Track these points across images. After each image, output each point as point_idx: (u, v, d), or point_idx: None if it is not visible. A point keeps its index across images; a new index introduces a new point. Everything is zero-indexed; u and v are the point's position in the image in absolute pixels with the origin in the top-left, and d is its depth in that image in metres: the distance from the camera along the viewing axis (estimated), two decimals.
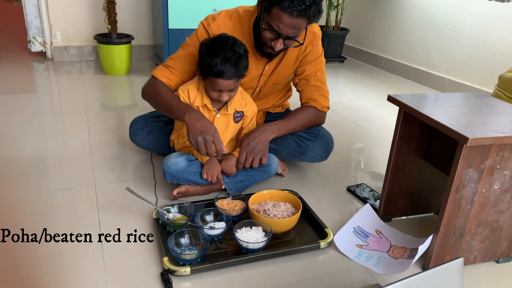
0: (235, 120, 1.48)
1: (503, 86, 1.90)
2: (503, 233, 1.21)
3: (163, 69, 1.49)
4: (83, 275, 1.09)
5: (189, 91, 1.42)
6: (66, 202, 1.41)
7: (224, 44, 1.31)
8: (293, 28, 1.30)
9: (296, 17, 1.26)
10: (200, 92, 1.42)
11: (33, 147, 1.78)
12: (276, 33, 1.32)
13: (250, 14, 1.46)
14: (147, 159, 1.73)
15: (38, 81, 2.80)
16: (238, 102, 1.47)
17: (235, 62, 1.31)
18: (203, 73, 1.35)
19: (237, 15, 1.47)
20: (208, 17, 1.49)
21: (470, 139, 0.99)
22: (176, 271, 1.09)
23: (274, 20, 1.29)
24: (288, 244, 1.26)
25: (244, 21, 1.46)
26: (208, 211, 1.31)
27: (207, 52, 1.32)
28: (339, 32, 3.71)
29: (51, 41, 3.12)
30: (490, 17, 2.72)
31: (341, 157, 1.89)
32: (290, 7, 1.24)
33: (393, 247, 1.28)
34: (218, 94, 1.36)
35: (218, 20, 1.45)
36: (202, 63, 1.33)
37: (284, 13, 1.26)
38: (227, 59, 1.29)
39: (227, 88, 1.34)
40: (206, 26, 1.46)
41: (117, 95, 2.66)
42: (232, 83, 1.33)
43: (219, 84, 1.33)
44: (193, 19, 2.79)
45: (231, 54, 1.30)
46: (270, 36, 1.34)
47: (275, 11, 1.27)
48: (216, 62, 1.29)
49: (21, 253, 1.15)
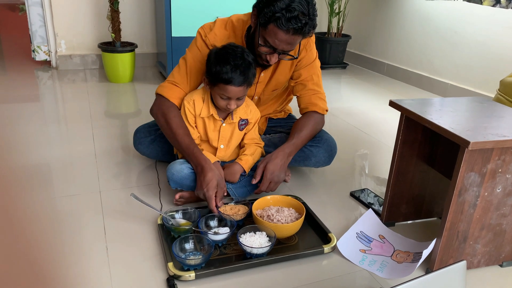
0: (240, 128, 1.49)
1: (504, 91, 1.91)
2: (506, 237, 1.21)
3: (170, 87, 1.48)
4: (89, 282, 1.10)
5: (195, 102, 1.43)
6: (72, 209, 1.42)
7: (234, 52, 1.33)
8: (288, 44, 1.32)
9: (292, 35, 1.28)
10: (205, 102, 1.44)
11: (38, 155, 1.80)
12: (271, 48, 1.34)
13: (243, 24, 1.48)
14: (151, 165, 1.75)
15: (42, 90, 2.83)
16: (242, 110, 1.48)
17: (245, 69, 1.32)
18: (212, 81, 1.36)
19: (231, 25, 1.49)
20: (204, 26, 1.50)
21: (471, 143, 1.00)
22: (181, 276, 1.10)
23: (270, 36, 1.31)
24: (292, 249, 1.26)
25: (238, 31, 1.48)
26: (212, 217, 1.32)
27: (216, 60, 1.33)
28: (341, 38, 3.73)
29: (55, 50, 3.16)
30: (491, 22, 2.73)
31: (344, 162, 1.90)
32: (287, 25, 1.25)
33: (397, 252, 1.29)
34: (226, 102, 1.37)
35: (215, 29, 1.47)
36: (212, 71, 1.34)
37: (281, 31, 1.27)
38: (237, 66, 1.31)
39: (236, 95, 1.35)
40: (203, 36, 1.47)
41: (121, 103, 2.68)
42: (241, 90, 1.35)
43: (229, 91, 1.34)
44: (196, 27, 2.76)
45: (241, 61, 1.32)
46: (265, 50, 1.36)
47: (272, 27, 1.29)
48: (227, 69, 1.30)
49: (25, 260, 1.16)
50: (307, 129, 1.55)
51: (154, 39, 3.40)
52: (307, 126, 1.55)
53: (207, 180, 1.32)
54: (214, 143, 1.48)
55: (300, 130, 1.54)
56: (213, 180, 1.33)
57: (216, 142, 1.48)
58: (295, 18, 1.25)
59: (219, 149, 1.49)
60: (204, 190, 1.32)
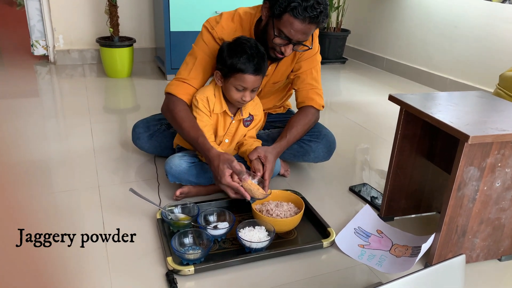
0: (245, 124, 1.49)
1: (504, 85, 1.91)
2: (505, 231, 1.21)
3: (177, 84, 1.46)
4: (88, 276, 1.10)
5: (209, 99, 1.42)
6: (70, 204, 1.42)
7: (248, 43, 1.33)
8: (304, 34, 1.32)
9: (308, 24, 1.29)
10: (217, 98, 1.43)
11: (37, 150, 1.80)
12: (287, 39, 1.34)
13: (251, 16, 1.47)
14: (150, 160, 1.74)
15: (41, 85, 2.82)
16: (251, 106, 1.48)
17: (261, 59, 1.33)
18: (227, 72, 1.34)
19: (238, 17, 1.48)
20: (210, 20, 1.49)
21: (471, 137, 1.00)
22: (180, 270, 1.10)
23: (285, 27, 1.30)
24: (291, 244, 1.26)
25: (246, 24, 1.47)
26: (211, 212, 1.32)
27: (232, 51, 1.32)
28: (340, 33, 3.72)
29: (53, 44, 3.14)
30: (490, 17, 2.72)
31: (343, 157, 1.90)
32: (303, 14, 1.26)
33: (395, 246, 1.29)
34: (241, 94, 1.36)
35: (222, 22, 1.45)
36: (227, 62, 1.33)
37: (296, 20, 1.28)
38: (254, 56, 1.31)
39: (253, 85, 1.34)
40: (210, 29, 1.45)
41: (119, 98, 2.67)
42: (258, 79, 1.35)
43: (246, 80, 1.33)
44: (195, 21, 2.81)
45: (256, 51, 1.32)
46: (280, 42, 1.35)
47: (287, 17, 1.28)
48: (244, 59, 1.30)
49: (24, 255, 1.16)
50: (301, 126, 1.54)
51: (153, 34, 3.38)
52: (301, 122, 1.55)
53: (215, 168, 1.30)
54: (220, 138, 1.48)
55: (293, 126, 1.53)
56: (222, 167, 1.29)
57: (222, 137, 1.48)
58: (311, 6, 1.25)
59: (223, 143, 1.49)
60: (220, 180, 1.30)
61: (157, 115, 1.71)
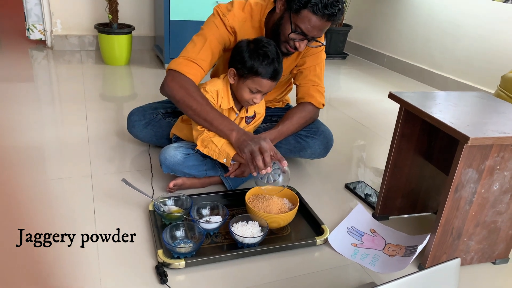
0: (247, 121, 1.48)
1: (505, 87, 1.89)
2: (500, 235, 1.20)
3: (186, 63, 1.37)
4: (77, 267, 1.08)
5: (218, 93, 1.39)
6: (62, 192, 1.40)
7: (270, 46, 1.32)
8: (320, 30, 1.32)
9: (326, 21, 1.29)
10: (226, 94, 1.40)
11: (31, 136, 1.77)
12: (303, 35, 1.32)
13: (262, 8, 1.44)
14: (145, 150, 1.72)
15: (37, 70, 2.78)
16: (257, 104, 1.46)
17: (279, 65, 1.33)
18: (245, 73, 1.32)
19: (249, 8, 1.44)
20: (221, 6, 1.43)
21: (471, 138, 0.98)
22: (171, 264, 1.08)
23: (303, 22, 1.29)
24: (284, 240, 1.25)
25: (256, 15, 1.44)
26: (204, 205, 1.30)
27: (252, 54, 1.30)
28: (342, 28, 3.69)
29: (51, 29, 3.10)
30: (493, 18, 2.70)
31: (340, 154, 1.88)
32: (323, 11, 1.25)
33: (388, 245, 1.27)
34: (253, 96, 1.35)
35: (234, 10, 1.42)
36: (246, 65, 1.30)
37: (315, 16, 1.27)
38: (274, 61, 1.31)
39: (268, 89, 1.35)
40: (221, 16, 1.41)
41: (116, 86, 2.64)
42: (273, 84, 1.35)
43: (263, 84, 1.32)
44: (195, 10, 2.77)
45: (277, 56, 1.32)
46: (296, 37, 1.34)
47: (306, 13, 1.27)
48: (265, 63, 1.30)
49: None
50: (296, 119, 1.52)
51: (152, 22, 3.34)
52: (297, 114, 1.53)
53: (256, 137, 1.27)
54: None
55: (287, 119, 1.51)
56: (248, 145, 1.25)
57: None
58: (331, 4, 1.25)
59: None
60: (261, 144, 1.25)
61: (153, 103, 1.69)
